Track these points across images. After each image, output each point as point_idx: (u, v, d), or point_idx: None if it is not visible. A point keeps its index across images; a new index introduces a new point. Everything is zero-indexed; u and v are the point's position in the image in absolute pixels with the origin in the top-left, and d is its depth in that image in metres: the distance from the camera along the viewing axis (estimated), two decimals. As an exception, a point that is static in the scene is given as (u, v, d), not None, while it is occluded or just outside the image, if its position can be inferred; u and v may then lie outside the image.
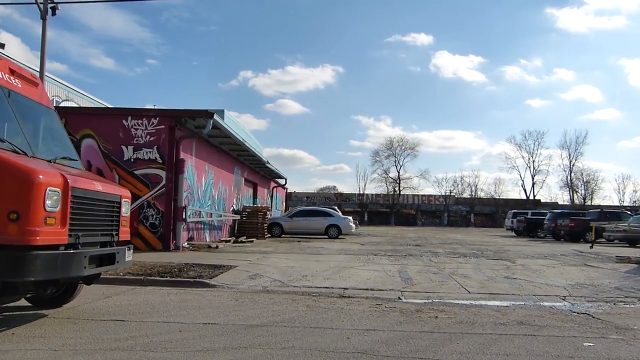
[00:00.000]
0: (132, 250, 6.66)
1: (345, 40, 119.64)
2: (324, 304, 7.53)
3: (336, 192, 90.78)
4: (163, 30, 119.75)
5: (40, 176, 4.84)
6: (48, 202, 4.86)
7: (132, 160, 14.12)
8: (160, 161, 14.06)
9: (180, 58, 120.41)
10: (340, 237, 25.58)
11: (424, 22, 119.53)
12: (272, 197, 35.28)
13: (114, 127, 14.17)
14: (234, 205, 22.85)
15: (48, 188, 4.86)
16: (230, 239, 19.70)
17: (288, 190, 47.31)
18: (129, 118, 14.19)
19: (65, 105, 16.40)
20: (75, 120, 14.34)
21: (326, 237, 25.20)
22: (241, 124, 65.74)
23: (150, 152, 14.09)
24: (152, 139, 14.12)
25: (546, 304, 7.95)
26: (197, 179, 16.67)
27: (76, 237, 5.30)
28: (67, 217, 5.14)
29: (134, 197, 13.88)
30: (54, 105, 18.34)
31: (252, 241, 19.79)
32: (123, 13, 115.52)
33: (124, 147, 14.12)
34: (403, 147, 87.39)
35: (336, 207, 30.52)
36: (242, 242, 19.07)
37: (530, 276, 10.93)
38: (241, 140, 18.76)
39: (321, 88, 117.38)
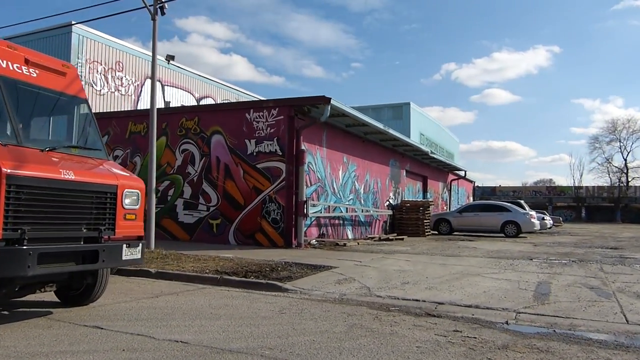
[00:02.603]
0: (139, 247, 5.82)
1: (561, 15, 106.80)
2: (378, 324, 5.65)
3: (548, 185, 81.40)
4: (366, 34, 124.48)
5: (-50, 161, 4.23)
6: (-38, 190, 4.22)
7: (254, 154, 13.76)
8: (280, 153, 13.38)
9: (383, 59, 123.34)
10: (521, 235, 21.83)
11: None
12: (450, 190, 32.45)
13: (238, 121, 14.01)
14: (390, 200, 21.24)
15: (-39, 175, 4.22)
16: (376, 236, 18.17)
17: (494, 184, 43.18)
18: (251, 111, 13.87)
19: (197, 104, 17.06)
20: (206, 117, 14.64)
21: (502, 235, 21.77)
22: (431, 117, 63.29)
23: (270, 144, 13.52)
24: (272, 130, 13.54)
25: None
26: (330, 171, 15.62)
27: (21, 231, 4.60)
28: (1, 209, 4.45)
29: (257, 192, 13.50)
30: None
31: (402, 239, 17.93)
32: (330, 23, 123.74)
33: (247, 141, 13.85)
34: (630, 130, 73.38)
35: (522, 201, 26.29)
36: (388, 239, 17.38)
37: None
38: (383, 128, 17.08)
39: (534, 73, 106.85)
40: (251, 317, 5.94)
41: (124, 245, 5.59)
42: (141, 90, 20.10)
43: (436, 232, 22.83)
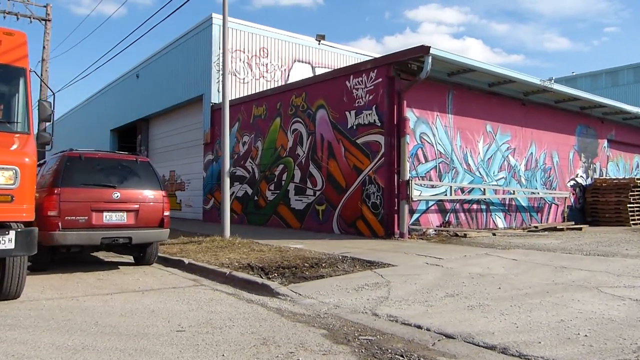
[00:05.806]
0: (10, 236, 4.83)
1: None
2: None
3: None
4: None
5: None
6: None
7: (354, 127, 11.67)
8: (379, 124, 11.01)
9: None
10: None
11: None
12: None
13: (339, 91, 12.10)
14: (577, 178, 16.30)
15: None
16: (540, 225, 13.89)
17: None
18: (351, 77, 11.79)
19: (305, 77, 15.27)
20: (312, 91, 13.13)
21: None
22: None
23: (369, 114, 11.25)
24: (370, 97, 11.25)
25: None
26: (461, 144, 12.40)
27: None
28: None
29: (358, 172, 11.46)
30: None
31: (579, 229, 13.33)
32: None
33: (347, 114, 11.85)
34: None
35: None
36: (555, 229, 13.11)
37: None
38: (541, 84, 12.88)
39: None
40: (128, 334, 4.34)
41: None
42: (288, 75, 19.67)
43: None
